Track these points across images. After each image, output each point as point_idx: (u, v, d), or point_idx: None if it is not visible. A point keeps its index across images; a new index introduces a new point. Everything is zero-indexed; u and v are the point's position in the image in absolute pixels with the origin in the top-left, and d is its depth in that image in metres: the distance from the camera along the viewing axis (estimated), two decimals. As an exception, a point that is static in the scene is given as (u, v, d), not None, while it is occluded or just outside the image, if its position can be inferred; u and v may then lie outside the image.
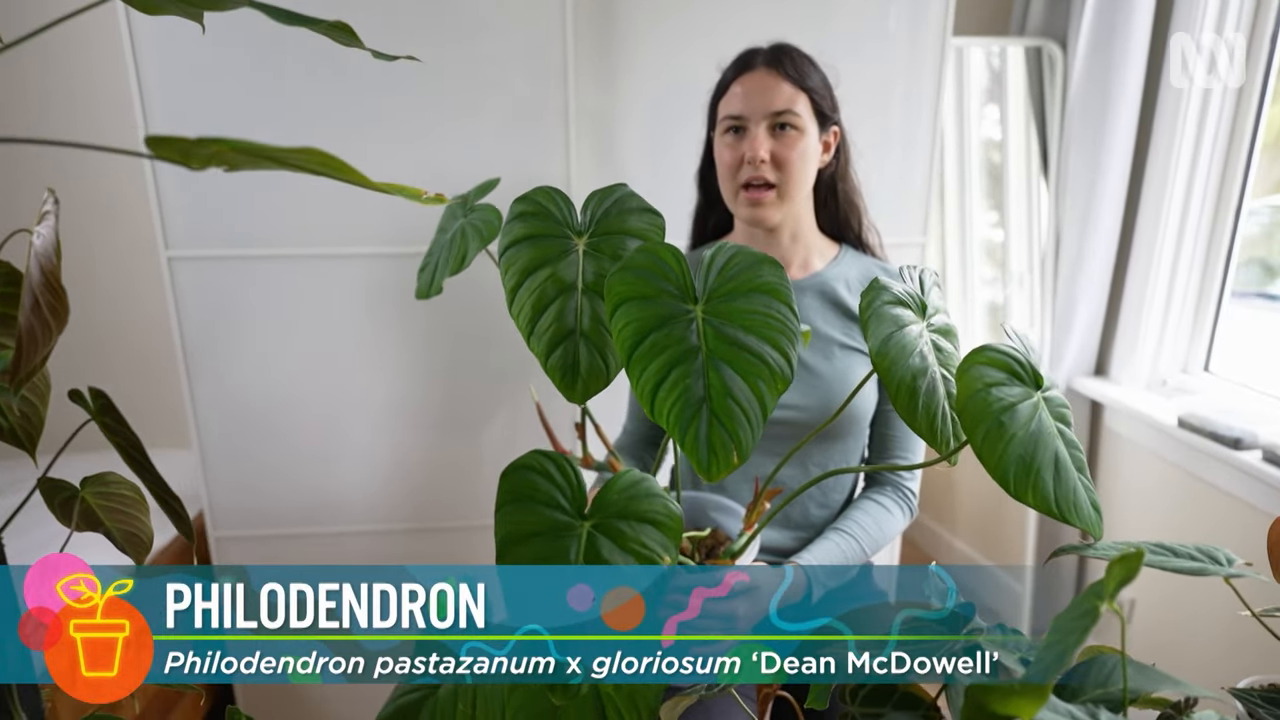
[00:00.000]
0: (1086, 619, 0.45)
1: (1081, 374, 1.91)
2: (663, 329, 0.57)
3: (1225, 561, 0.60)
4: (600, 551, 0.52)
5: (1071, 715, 0.48)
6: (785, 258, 1.06)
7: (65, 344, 1.87)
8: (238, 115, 1.33)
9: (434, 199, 0.53)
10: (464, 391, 1.48)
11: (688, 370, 0.56)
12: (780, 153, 0.96)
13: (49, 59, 1.75)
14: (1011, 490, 0.56)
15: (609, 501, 0.53)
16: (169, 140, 0.42)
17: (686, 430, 0.56)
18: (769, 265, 0.59)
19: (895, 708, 0.55)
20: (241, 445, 1.48)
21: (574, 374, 0.63)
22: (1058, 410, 0.59)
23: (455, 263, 0.90)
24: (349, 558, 1.55)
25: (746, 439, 0.55)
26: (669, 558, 0.53)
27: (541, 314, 0.64)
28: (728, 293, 0.58)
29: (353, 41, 0.52)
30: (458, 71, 1.34)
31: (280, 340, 1.43)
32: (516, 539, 0.53)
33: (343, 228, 1.39)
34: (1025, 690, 0.45)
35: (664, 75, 1.37)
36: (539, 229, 0.66)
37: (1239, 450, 1.41)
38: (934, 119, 1.42)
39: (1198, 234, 1.68)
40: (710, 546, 0.94)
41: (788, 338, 0.57)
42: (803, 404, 1.00)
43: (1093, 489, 0.59)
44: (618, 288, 0.58)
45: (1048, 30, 1.84)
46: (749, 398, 0.56)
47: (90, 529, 0.62)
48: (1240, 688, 0.61)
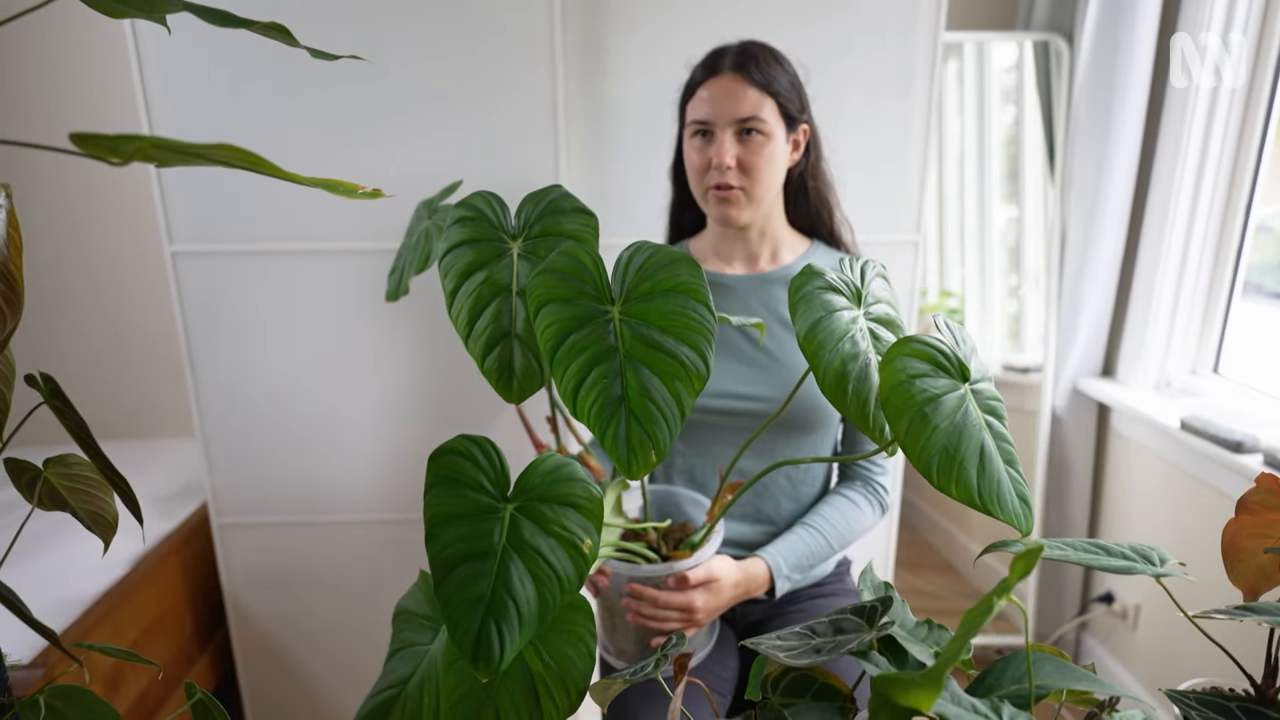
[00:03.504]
0: (983, 614, 0.45)
1: (1088, 375, 1.88)
2: (582, 330, 0.58)
3: (1158, 561, 0.59)
4: (522, 533, 0.53)
5: (975, 709, 0.49)
6: (755, 253, 1.07)
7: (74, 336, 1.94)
8: (239, 116, 1.37)
9: (369, 194, 0.55)
10: (460, 384, 1.51)
11: (606, 370, 0.57)
12: (746, 158, 0.96)
13: (48, 60, 1.81)
14: (935, 481, 0.56)
15: (531, 485, 0.54)
16: (95, 137, 0.44)
17: (606, 429, 0.57)
18: (685, 264, 0.59)
19: (814, 698, 0.56)
20: (243, 435, 1.52)
21: (509, 375, 0.65)
22: (987, 403, 0.59)
23: (420, 262, 0.92)
24: (348, 546, 1.58)
25: (664, 438, 0.56)
26: (589, 540, 0.54)
27: (478, 317, 0.65)
28: (644, 293, 0.59)
29: (290, 42, 0.54)
30: (449, 72, 1.36)
31: (282, 333, 1.47)
32: (443, 520, 0.54)
33: (343, 223, 1.42)
34: (922, 682, 0.45)
35: (654, 70, 1.37)
36: (476, 233, 0.68)
37: (1240, 454, 1.38)
38: (927, 116, 1.40)
39: (1206, 234, 1.64)
40: (679, 538, 0.95)
41: (704, 337, 0.58)
42: (769, 395, 1.00)
43: (1022, 482, 0.58)
44: (538, 290, 0.59)
45: (1054, 24, 1.81)
46: (666, 398, 0.57)
47: (57, 508, 0.64)
48: (1179, 690, 0.60)
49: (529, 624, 0.50)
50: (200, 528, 1.64)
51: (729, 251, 1.07)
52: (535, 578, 0.50)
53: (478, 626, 0.49)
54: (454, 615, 0.49)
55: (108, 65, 1.78)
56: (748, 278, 1.06)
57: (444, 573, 0.50)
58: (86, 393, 1.91)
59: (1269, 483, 0.65)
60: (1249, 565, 0.66)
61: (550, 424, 1.00)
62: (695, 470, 1.06)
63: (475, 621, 0.49)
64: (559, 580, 0.51)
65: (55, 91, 1.81)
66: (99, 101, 1.81)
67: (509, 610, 0.49)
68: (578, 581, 0.51)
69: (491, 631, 0.49)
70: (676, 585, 0.85)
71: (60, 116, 1.82)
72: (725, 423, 1.02)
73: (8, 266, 0.53)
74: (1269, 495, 0.66)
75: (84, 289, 1.91)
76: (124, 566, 1.44)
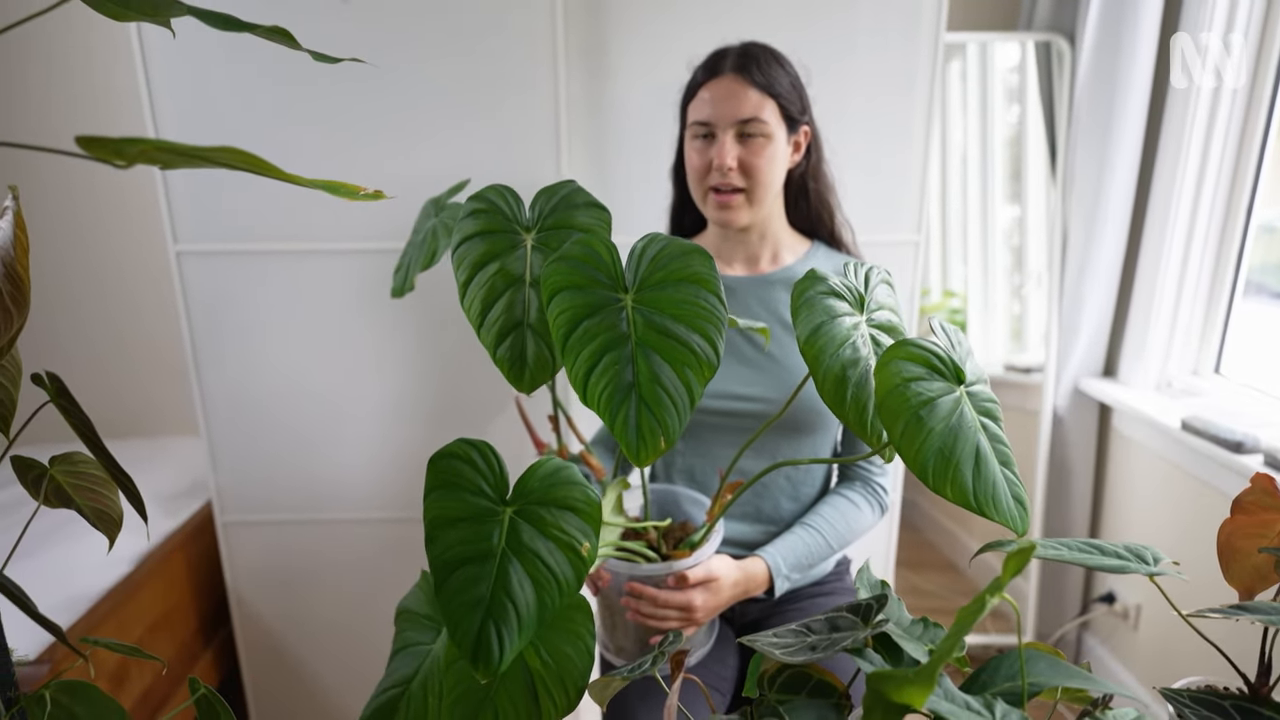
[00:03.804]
0: (975, 612, 0.45)
1: (1089, 375, 1.88)
2: (594, 317, 0.59)
3: (1152, 560, 0.59)
4: (521, 536, 0.54)
5: (968, 705, 0.49)
6: (755, 254, 1.07)
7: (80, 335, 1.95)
8: (243, 117, 1.38)
9: (370, 195, 0.56)
10: (463, 383, 1.52)
11: (617, 357, 0.58)
12: (747, 159, 0.97)
13: (55, 63, 1.82)
14: (930, 483, 0.56)
15: (530, 488, 0.55)
16: (100, 140, 0.45)
17: (616, 415, 0.57)
18: (698, 256, 0.60)
19: (809, 694, 0.56)
20: (248, 434, 1.53)
21: (521, 364, 0.66)
22: (983, 405, 0.59)
23: (426, 259, 0.93)
24: (351, 543, 1.59)
25: (673, 424, 0.57)
26: (588, 543, 0.54)
27: (491, 307, 0.66)
28: (657, 282, 0.60)
29: (292, 45, 0.54)
30: (452, 73, 1.37)
31: (285, 332, 1.48)
32: (443, 523, 0.54)
33: (346, 224, 1.43)
34: (915, 678, 0.46)
35: (656, 71, 1.38)
36: (489, 225, 0.68)
37: (1240, 454, 1.38)
38: (928, 116, 1.41)
39: (1207, 234, 1.64)
40: (679, 537, 0.95)
41: (715, 326, 0.59)
42: (770, 396, 1.00)
43: (1018, 483, 0.59)
44: (553, 277, 0.60)
45: (1055, 24, 1.81)
46: (676, 385, 0.58)
47: (63, 505, 0.65)
48: (1174, 688, 0.61)
49: (528, 626, 0.50)
50: (205, 525, 1.65)
51: (729, 253, 1.08)
52: (534, 580, 0.51)
53: (477, 628, 0.49)
54: (454, 617, 0.50)
55: (113, 67, 1.79)
56: (748, 279, 1.06)
57: (444, 575, 0.51)
58: (92, 391, 1.92)
59: (1264, 483, 0.66)
60: (1244, 565, 0.67)
61: (552, 423, 1.01)
62: (696, 470, 1.07)
63: (475, 624, 0.49)
64: (558, 583, 0.51)
65: (62, 94, 1.82)
66: (105, 103, 1.82)
67: (508, 613, 0.50)
68: (576, 584, 0.52)
69: (491, 633, 0.49)
70: (676, 584, 0.86)
71: (67, 119, 1.83)
72: (726, 423, 1.03)
73: (14, 267, 0.53)
74: (1264, 495, 0.66)
75: (91, 289, 1.93)
76: (130, 563, 1.45)
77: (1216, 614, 0.58)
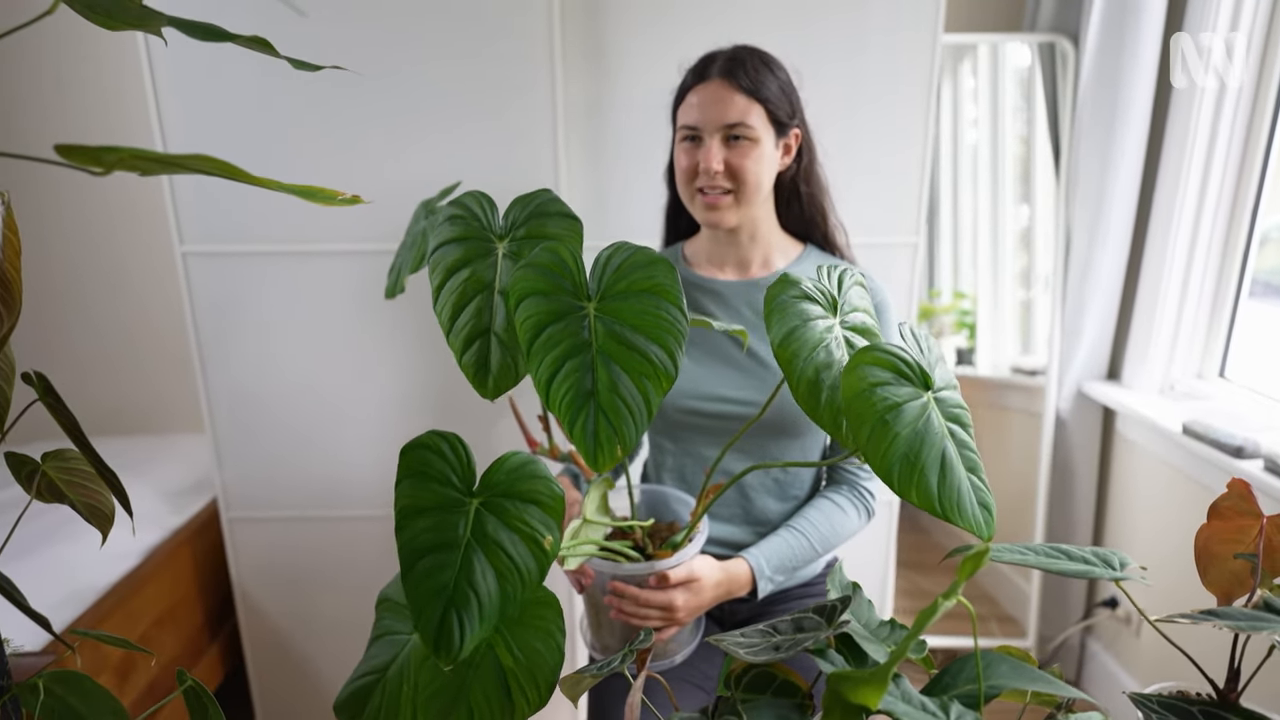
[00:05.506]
0: (929, 614, 0.46)
1: (1093, 378, 1.87)
2: (559, 323, 0.60)
3: (1118, 565, 0.60)
4: (486, 527, 0.55)
5: (923, 707, 0.50)
6: (746, 257, 1.07)
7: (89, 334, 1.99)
8: (247, 120, 1.40)
9: (348, 200, 0.57)
10: (463, 382, 1.53)
11: (578, 364, 0.59)
12: (733, 162, 0.97)
13: (65, 69, 1.86)
14: (895, 488, 0.56)
15: (496, 481, 0.56)
16: (79, 149, 0.47)
17: (575, 421, 0.58)
18: (661, 266, 0.61)
19: (775, 694, 0.57)
20: (253, 431, 1.55)
21: (485, 371, 0.67)
22: (951, 411, 0.60)
23: (415, 262, 0.95)
24: (354, 540, 1.62)
25: (630, 434, 0.58)
26: (550, 536, 0.55)
27: (460, 312, 0.67)
28: (619, 292, 0.61)
29: (271, 53, 0.56)
30: (450, 75, 1.38)
31: (290, 331, 1.51)
32: (412, 512, 0.56)
33: (349, 225, 1.45)
34: (870, 679, 0.47)
35: (653, 72, 1.39)
36: (465, 232, 0.69)
37: (1241, 459, 1.37)
38: (927, 117, 1.41)
39: (1211, 236, 1.63)
40: (665, 537, 0.96)
41: (675, 338, 0.59)
42: (757, 399, 1.01)
43: (985, 489, 0.59)
44: (520, 283, 0.61)
45: (1059, 25, 1.79)
46: (634, 395, 0.58)
47: (56, 500, 0.67)
48: (1143, 693, 0.61)
49: (489, 615, 0.51)
50: (211, 521, 1.68)
51: (721, 256, 1.09)
52: (497, 570, 0.52)
53: (440, 616, 0.51)
54: (418, 604, 0.51)
55: (121, 73, 1.82)
56: (739, 283, 1.07)
57: (411, 563, 0.53)
58: (101, 389, 1.98)
59: (1239, 488, 0.66)
60: (1221, 570, 0.67)
61: (542, 422, 1.02)
62: (685, 470, 1.08)
63: (438, 611, 0.51)
64: (520, 574, 0.52)
65: (72, 99, 1.86)
66: (114, 109, 1.86)
67: (470, 601, 0.51)
68: (539, 575, 0.53)
69: (453, 621, 0.50)
70: (658, 584, 0.86)
71: (76, 124, 1.87)
72: (715, 425, 1.04)
73: (5, 269, 0.55)
74: (1240, 500, 0.66)
75: (99, 289, 1.97)
76: (136, 558, 1.48)
77: (1185, 619, 0.58)
